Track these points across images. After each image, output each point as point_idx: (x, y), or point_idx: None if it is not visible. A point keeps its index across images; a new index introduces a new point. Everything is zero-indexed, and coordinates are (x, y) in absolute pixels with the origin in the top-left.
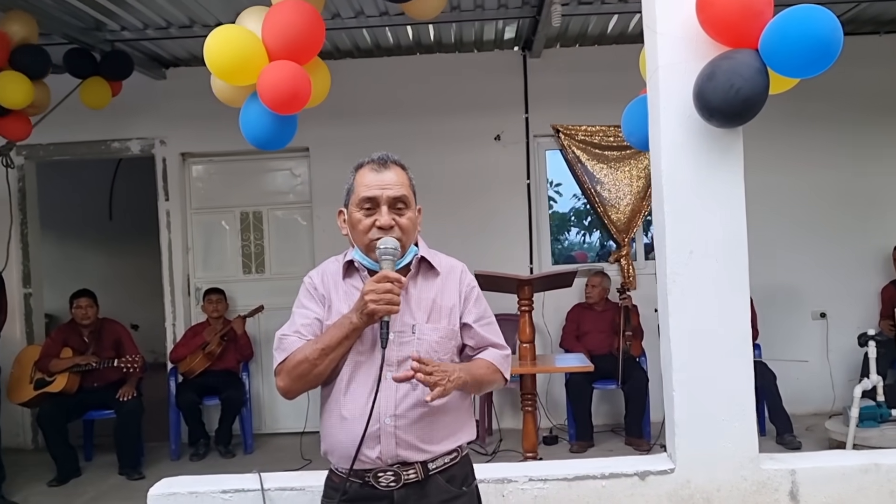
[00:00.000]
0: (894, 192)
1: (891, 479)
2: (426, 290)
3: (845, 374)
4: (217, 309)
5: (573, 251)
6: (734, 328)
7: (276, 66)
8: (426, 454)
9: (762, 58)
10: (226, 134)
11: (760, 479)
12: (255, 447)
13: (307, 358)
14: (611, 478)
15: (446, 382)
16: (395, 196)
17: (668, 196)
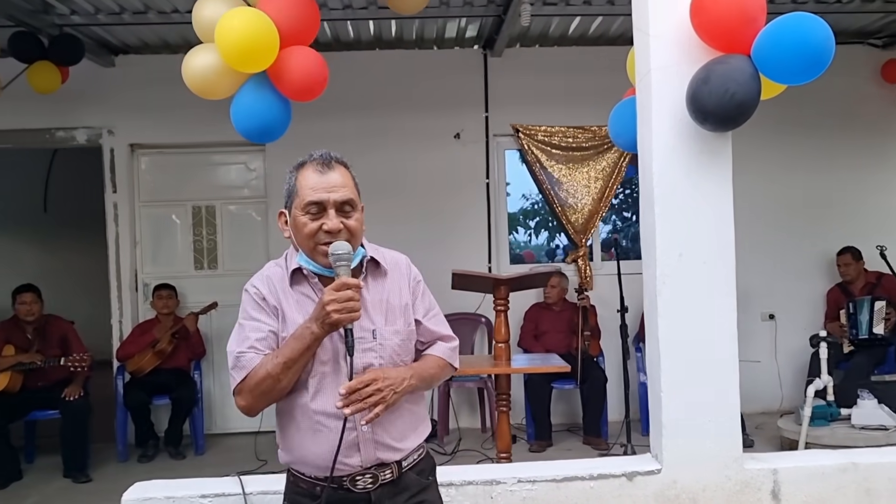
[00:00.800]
0: (839, 199)
1: (867, 478)
2: (377, 290)
3: (792, 375)
4: (167, 305)
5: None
6: (722, 330)
7: (299, 52)
8: (401, 453)
9: (755, 63)
10: (178, 125)
11: (744, 479)
12: (207, 448)
13: (269, 374)
14: (599, 479)
15: (391, 395)
16: (343, 199)
17: (658, 198)
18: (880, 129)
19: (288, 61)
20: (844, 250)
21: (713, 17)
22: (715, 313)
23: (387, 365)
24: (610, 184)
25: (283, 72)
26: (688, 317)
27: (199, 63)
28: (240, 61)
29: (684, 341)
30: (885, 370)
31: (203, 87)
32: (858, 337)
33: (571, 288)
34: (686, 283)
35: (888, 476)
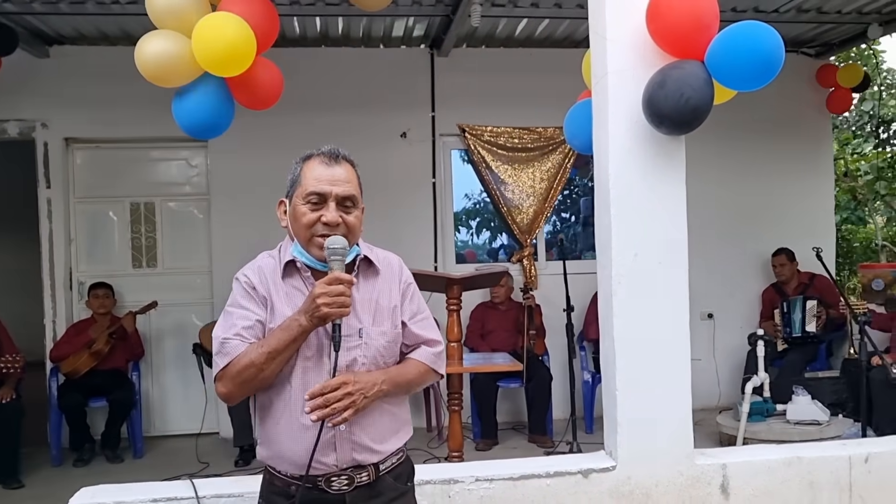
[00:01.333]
0: (773, 201)
1: (811, 471)
2: (368, 290)
3: (729, 372)
4: (104, 305)
5: (462, 250)
6: (675, 329)
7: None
8: (378, 455)
9: (708, 69)
10: (115, 119)
11: (695, 474)
12: (146, 451)
13: (253, 362)
14: (555, 476)
15: (361, 400)
16: (345, 194)
17: (615, 199)
18: (812, 135)
19: (254, 71)
20: (779, 251)
21: (669, 23)
22: (669, 313)
23: (370, 365)
24: (555, 185)
25: (248, 81)
26: (643, 316)
27: (155, 49)
28: (218, 66)
29: (639, 340)
30: (817, 367)
31: (157, 74)
32: (792, 335)
33: (517, 287)
34: (641, 283)
35: (830, 469)
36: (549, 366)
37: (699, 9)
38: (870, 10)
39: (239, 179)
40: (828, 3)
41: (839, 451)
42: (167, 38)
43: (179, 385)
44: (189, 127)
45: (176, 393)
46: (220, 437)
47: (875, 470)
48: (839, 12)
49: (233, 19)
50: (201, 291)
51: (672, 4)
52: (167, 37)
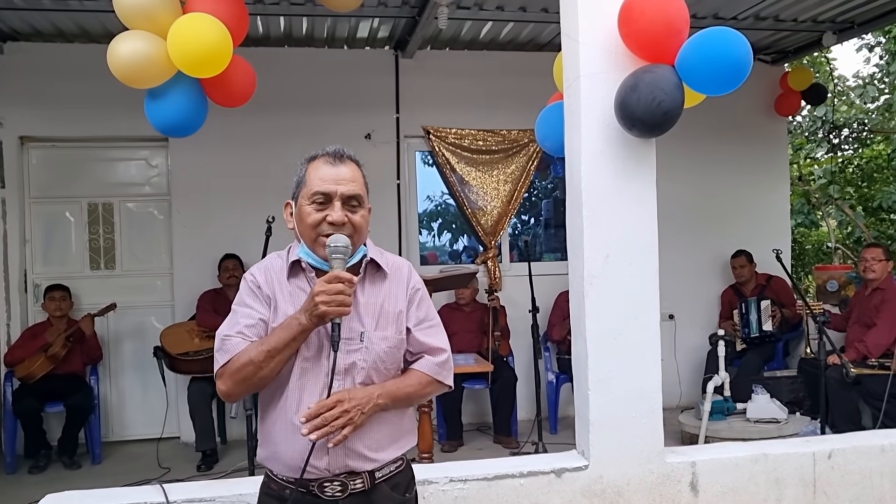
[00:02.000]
0: (732, 204)
1: (777, 468)
2: (374, 293)
3: (691, 372)
4: (60, 307)
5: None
6: (646, 329)
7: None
8: (374, 463)
9: (679, 73)
10: (73, 118)
11: (665, 472)
12: (104, 456)
13: (252, 360)
14: (529, 476)
15: (358, 416)
16: (350, 194)
17: (586, 201)
18: (769, 139)
19: (230, 71)
20: (738, 253)
21: (640, 28)
22: (640, 313)
23: (369, 370)
24: (518, 187)
25: (223, 80)
26: (614, 316)
27: (129, 50)
28: (195, 66)
29: (610, 340)
30: (774, 366)
31: (130, 75)
32: (750, 335)
33: (482, 289)
34: (613, 284)
35: (795, 465)
36: (514, 367)
37: (670, 14)
38: (824, 19)
39: (201, 180)
40: (784, 11)
41: (804, 447)
42: (140, 39)
43: (139, 389)
44: (163, 126)
45: (135, 397)
46: (182, 441)
47: (838, 465)
48: (795, 20)
49: (208, 20)
50: (161, 294)
51: (644, 9)
52: (140, 37)
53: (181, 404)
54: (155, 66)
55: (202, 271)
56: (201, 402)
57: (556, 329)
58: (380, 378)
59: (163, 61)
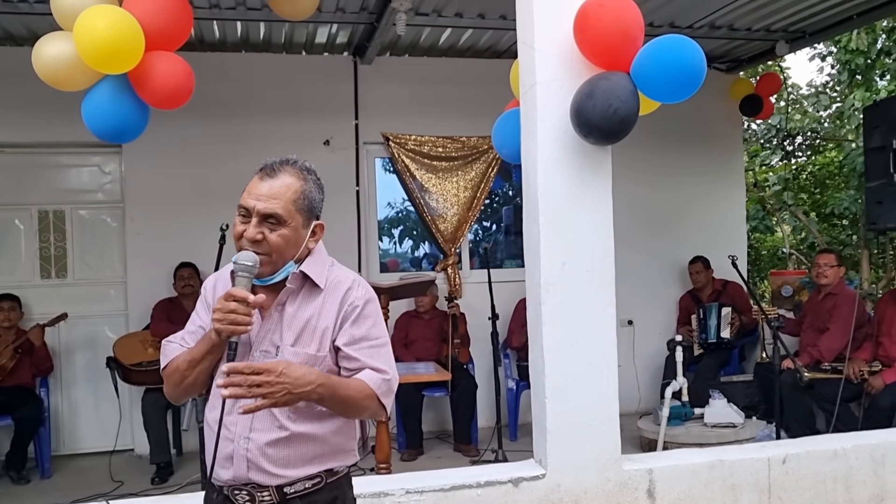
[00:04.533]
0: (689, 210)
1: (733, 474)
2: (304, 308)
3: (649, 377)
4: (9, 318)
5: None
6: (602, 336)
7: (164, 59)
8: (280, 479)
9: (633, 81)
10: (21, 123)
11: (622, 480)
12: (55, 470)
13: (178, 367)
14: (486, 486)
15: (282, 393)
16: (266, 212)
17: (543, 209)
18: (724, 146)
19: (152, 67)
20: (696, 259)
21: (596, 35)
22: (596, 320)
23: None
24: (478, 194)
25: (146, 77)
26: (571, 324)
27: (52, 52)
28: (99, 62)
29: (567, 348)
30: (730, 371)
31: (55, 77)
32: (707, 341)
33: (441, 296)
34: (569, 292)
35: (750, 471)
36: (475, 374)
37: (625, 21)
38: (777, 28)
39: (156, 187)
40: (739, 20)
41: (758, 453)
42: (63, 39)
43: (91, 400)
44: (99, 131)
45: (87, 409)
46: (136, 454)
47: (792, 470)
48: (749, 29)
49: (113, 12)
50: (115, 303)
51: (599, 16)
52: (63, 38)
53: (135, 416)
54: (78, 67)
55: (157, 280)
56: (156, 414)
57: (516, 336)
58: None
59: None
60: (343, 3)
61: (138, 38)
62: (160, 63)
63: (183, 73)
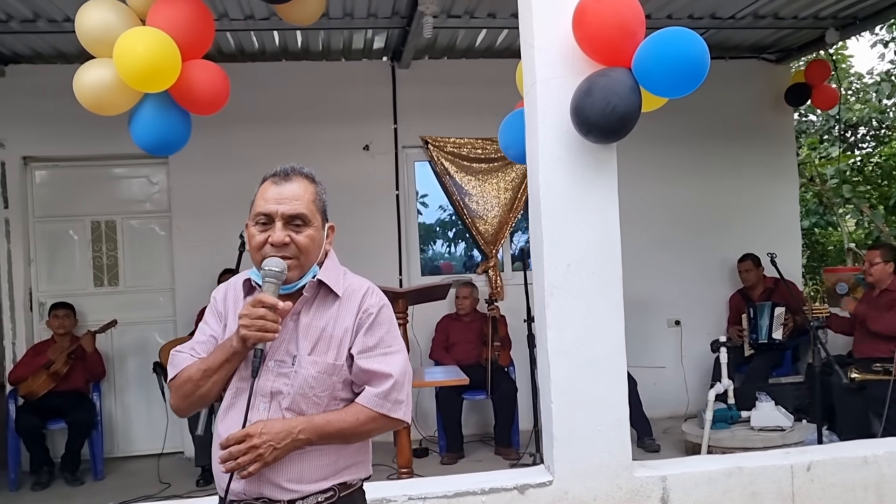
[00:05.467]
0: (738, 207)
1: (753, 482)
2: (319, 317)
3: (698, 379)
4: (63, 325)
5: (439, 262)
6: (610, 340)
7: (201, 67)
8: (292, 493)
9: (635, 76)
10: (74, 137)
11: (634, 487)
12: (107, 472)
13: (190, 377)
14: (490, 493)
15: (269, 452)
16: (291, 213)
17: (545, 210)
18: (776, 140)
19: (190, 78)
20: (745, 257)
21: (594, 31)
22: (603, 323)
23: (295, 395)
24: (519, 195)
25: (187, 88)
26: (576, 327)
27: (92, 79)
28: (144, 82)
29: (573, 352)
30: (783, 372)
31: (97, 103)
32: (758, 341)
33: (482, 298)
34: (574, 294)
35: (772, 479)
36: (515, 377)
37: (623, 15)
38: (826, 15)
39: (200, 196)
40: (784, 8)
41: (781, 460)
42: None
43: (143, 404)
44: (147, 146)
45: (139, 412)
46: (185, 456)
47: (818, 478)
48: (795, 17)
49: (147, 34)
50: (164, 309)
51: (597, 12)
52: (101, 65)
53: (183, 420)
54: (119, 92)
55: (202, 286)
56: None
57: None
58: (309, 406)
59: (126, 87)
60: (375, 8)
61: (175, 54)
62: (197, 72)
63: (219, 77)
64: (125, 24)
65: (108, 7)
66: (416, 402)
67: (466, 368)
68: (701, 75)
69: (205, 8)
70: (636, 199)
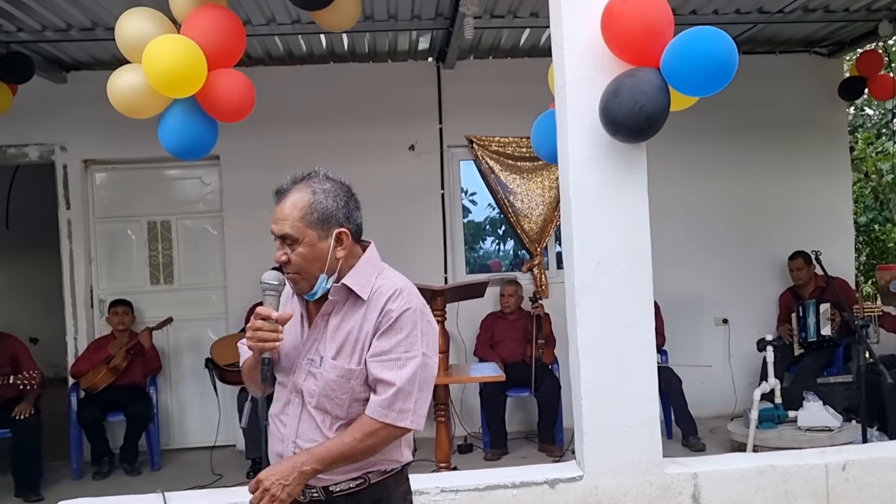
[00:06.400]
0: (788, 204)
1: (786, 480)
2: (348, 320)
3: (746, 378)
4: (123, 321)
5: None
6: (639, 337)
7: (226, 76)
8: (325, 480)
9: (663, 76)
10: (131, 140)
11: (664, 484)
12: (163, 463)
13: (242, 368)
14: (521, 486)
15: (280, 490)
16: (279, 234)
17: (575, 209)
18: (828, 135)
19: (216, 86)
20: (796, 255)
21: (622, 31)
22: (633, 321)
23: (319, 396)
24: None
25: (212, 96)
26: (606, 325)
27: (123, 83)
28: (169, 88)
29: (603, 349)
30: (833, 371)
31: (129, 107)
32: (807, 340)
33: (527, 296)
34: (604, 292)
35: (805, 477)
36: (559, 375)
37: (650, 15)
38: (879, 7)
39: (251, 195)
40: (834, 1)
41: (816, 459)
42: (133, 72)
43: (196, 399)
44: (174, 149)
45: (193, 406)
46: (236, 449)
47: (854, 478)
48: (847, 10)
49: (175, 41)
50: (216, 306)
51: (624, 12)
52: (133, 70)
53: (235, 413)
54: (148, 98)
55: (253, 284)
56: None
57: None
58: (332, 406)
59: (155, 92)
60: (418, 10)
61: (201, 62)
62: (222, 81)
63: (244, 86)
64: (160, 32)
65: (147, 16)
66: (460, 399)
67: (511, 366)
68: (729, 74)
69: (236, 19)
70: (685, 196)
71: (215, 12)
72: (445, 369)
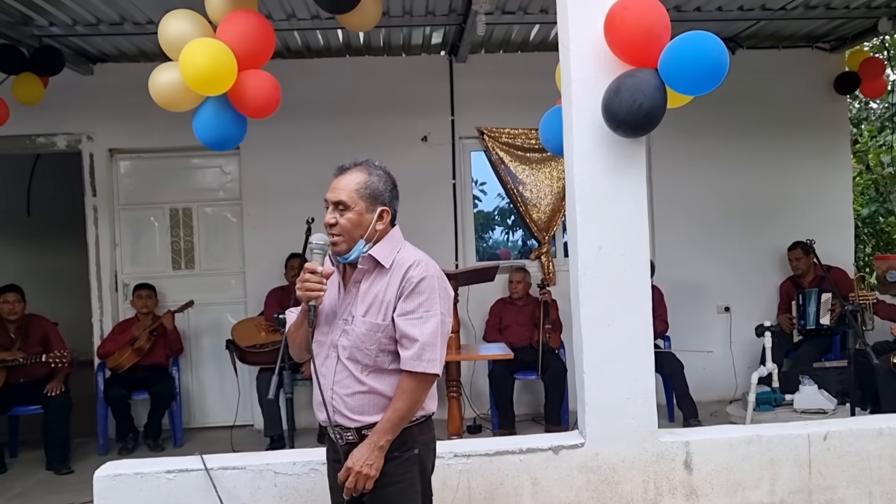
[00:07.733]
0: (791, 195)
1: (771, 448)
2: (375, 285)
3: (746, 364)
4: (146, 304)
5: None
6: (637, 316)
7: (254, 77)
8: (357, 423)
9: (661, 76)
10: (155, 130)
11: (659, 451)
12: (185, 441)
13: (289, 332)
14: (528, 452)
15: (369, 469)
16: (334, 200)
17: (580, 197)
18: (829, 128)
19: (245, 85)
20: (795, 245)
21: (623, 35)
22: (631, 301)
23: (350, 347)
24: None
25: (241, 94)
26: (606, 304)
27: (163, 80)
28: (202, 87)
29: (604, 327)
30: (830, 358)
31: (168, 101)
32: (806, 327)
33: (535, 283)
34: (605, 275)
35: (789, 447)
36: (565, 359)
37: (650, 21)
38: (879, 4)
39: (269, 184)
40: None
41: (799, 430)
42: (172, 70)
43: (217, 379)
44: (207, 141)
45: (213, 387)
46: (255, 428)
47: (834, 447)
48: (847, 7)
49: (208, 44)
50: (235, 291)
51: (625, 17)
52: (172, 68)
53: (253, 394)
54: (185, 94)
55: (271, 270)
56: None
57: None
58: (362, 356)
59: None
60: (432, 6)
61: (231, 64)
62: (251, 81)
63: (270, 86)
64: (198, 34)
65: (187, 18)
66: (470, 382)
67: (519, 350)
68: (721, 74)
69: (267, 24)
70: (689, 187)
71: (248, 17)
72: (457, 349)
